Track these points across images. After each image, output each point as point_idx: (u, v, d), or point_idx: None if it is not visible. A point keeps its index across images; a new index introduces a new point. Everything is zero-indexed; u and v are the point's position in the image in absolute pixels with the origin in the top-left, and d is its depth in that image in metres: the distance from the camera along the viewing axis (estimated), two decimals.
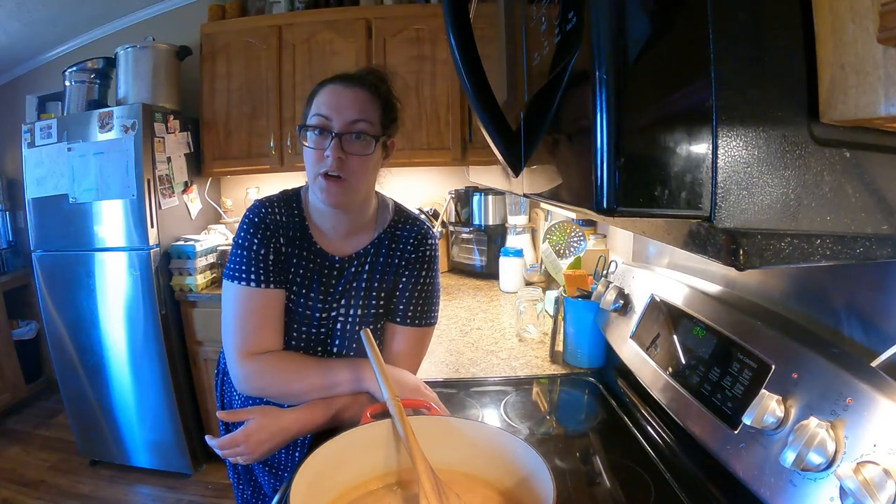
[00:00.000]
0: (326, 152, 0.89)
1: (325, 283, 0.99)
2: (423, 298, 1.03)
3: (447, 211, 2.68)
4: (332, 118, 0.90)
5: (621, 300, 1.11)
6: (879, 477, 0.44)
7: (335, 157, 0.88)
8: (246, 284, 0.94)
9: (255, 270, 0.94)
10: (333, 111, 0.90)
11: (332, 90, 0.92)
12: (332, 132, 0.89)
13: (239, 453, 0.86)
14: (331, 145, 0.89)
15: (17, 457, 2.64)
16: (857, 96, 0.28)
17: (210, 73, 2.53)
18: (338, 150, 0.89)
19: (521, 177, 0.59)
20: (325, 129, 0.90)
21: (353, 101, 0.91)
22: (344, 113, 0.90)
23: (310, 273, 0.98)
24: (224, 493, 2.31)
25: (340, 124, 0.90)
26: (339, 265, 1.00)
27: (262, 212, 0.97)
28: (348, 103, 0.91)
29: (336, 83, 0.93)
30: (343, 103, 0.90)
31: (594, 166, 0.31)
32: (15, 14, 2.61)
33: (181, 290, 2.35)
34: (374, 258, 1.01)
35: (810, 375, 0.58)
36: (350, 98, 0.91)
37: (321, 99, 0.92)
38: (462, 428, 0.76)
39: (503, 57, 0.67)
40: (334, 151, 0.89)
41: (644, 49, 0.31)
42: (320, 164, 0.90)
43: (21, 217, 3.18)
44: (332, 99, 0.91)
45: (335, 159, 0.88)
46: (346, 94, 0.91)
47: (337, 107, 0.90)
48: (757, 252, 0.32)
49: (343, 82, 0.93)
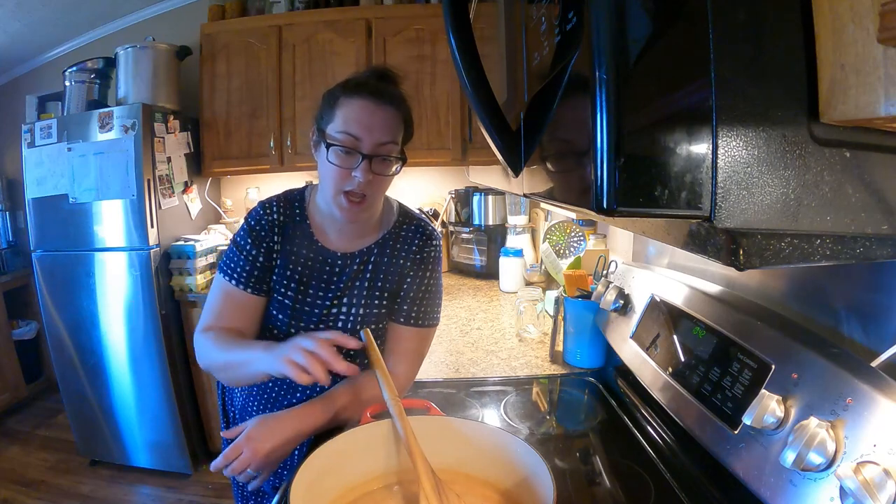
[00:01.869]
0: (354, 173, 0.88)
1: (327, 279, 0.99)
2: (426, 299, 1.03)
3: (447, 211, 2.68)
4: (363, 138, 0.88)
5: (621, 300, 1.11)
6: (879, 477, 0.44)
7: (365, 179, 0.88)
8: (229, 280, 0.98)
9: (239, 272, 0.97)
10: (364, 131, 0.88)
11: (362, 107, 0.89)
12: (362, 153, 0.88)
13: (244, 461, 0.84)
14: (360, 167, 0.88)
15: (17, 457, 2.64)
16: (857, 96, 0.28)
17: (210, 73, 2.53)
18: (367, 173, 0.88)
19: (521, 177, 0.59)
20: (353, 148, 0.88)
21: (384, 122, 0.89)
22: (374, 134, 0.88)
23: (310, 270, 0.99)
24: (224, 492, 2.31)
25: (370, 146, 0.88)
26: (342, 261, 1.00)
27: (259, 214, 0.99)
28: (379, 124, 0.89)
29: (366, 99, 0.89)
30: (374, 123, 0.88)
31: (594, 166, 0.31)
32: (15, 14, 2.61)
33: (181, 290, 2.35)
34: (377, 257, 1.01)
35: (810, 375, 0.58)
36: (381, 118, 0.89)
37: (350, 114, 0.89)
38: (462, 428, 0.76)
39: (503, 57, 0.67)
40: (364, 174, 0.88)
41: (644, 49, 0.31)
42: (345, 182, 0.89)
43: (21, 217, 3.18)
44: (364, 117, 0.88)
45: (364, 182, 0.88)
46: (377, 114, 0.89)
47: (368, 127, 0.88)
48: (757, 252, 0.32)
49: (373, 99, 0.89)
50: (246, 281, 0.97)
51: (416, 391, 1.18)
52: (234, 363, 0.91)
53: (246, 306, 0.99)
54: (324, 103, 0.94)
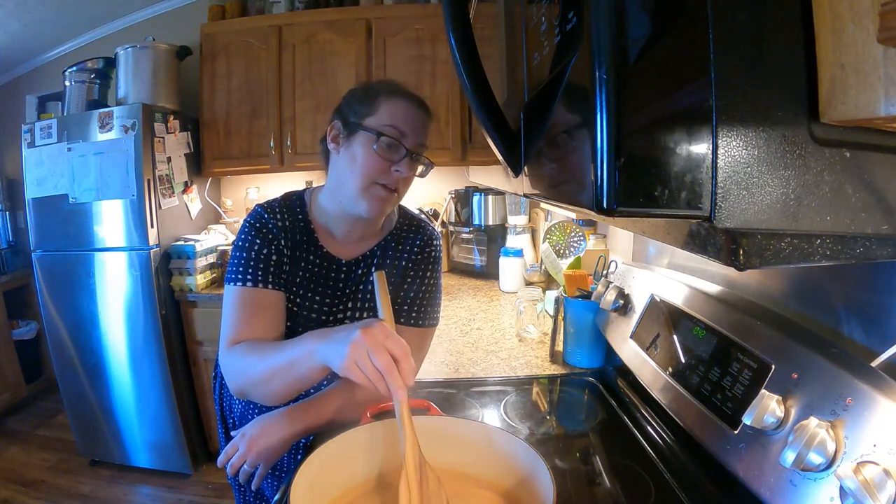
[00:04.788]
0: (397, 166, 0.89)
1: (333, 285, 0.99)
2: (426, 299, 1.03)
3: (447, 211, 2.68)
4: (408, 135, 0.90)
5: (621, 300, 1.11)
6: (879, 477, 0.44)
7: (407, 174, 0.91)
8: (242, 285, 0.92)
9: (252, 270, 0.92)
10: (410, 128, 0.90)
11: (406, 107, 0.91)
12: (406, 148, 0.90)
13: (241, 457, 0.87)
14: (404, 161, 0.90)
15: (17, 457, 2.64)
16: (857, 96, 0.28)
17: (210, 73, 2.53)
18: (409, 168, 0.91)
19: (521, 177, 0.59)
20: (399, 142, 0.89)
21: (424, 125, 0.93)
22: (418, 133, 0.91)
23: (315, 276, 0.98)
24: (224, 492, 2.31)
25: (413, 143, 0.91)
26: (347, 268, 0.99)
27: (263, 217, 0.96)
28: (421, 125, 0.92)
29: (408, 101, 0.92)
30: (418, 123, 0.91)
31: (594, 166, 0.31)
32: (15, 14, 2.61)
33: (181, 290, 2.35)
34: (380, 260, 1.01)
35: (810, 375, 0.58)
36: (423, 121, 0.93)
37: (395, 111, 0.90)
38: (462, 428, 0.76)
39: (503, 57, 0.67)
40: (407, 169, 0.90)
41: (644, 49, 0.31)
42: (382, 175, 0.90)
43: (21, 217, 3.18)
44: (410, 116, 0.91)
45: (405, 176, 0.91)
46: (419, 117, 0.92)
47: (413, 126, 0.91)
48: (757, 252, 0.32)
49: (414, 102, 0.93)
50: (263, 278, 0.92)
51: (416, 391, 1.18)
52: (282, 366, 0.80)
53: (269, 305, 0.92)
54: (355, 99, 0.94)
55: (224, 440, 1.15)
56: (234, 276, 0.93)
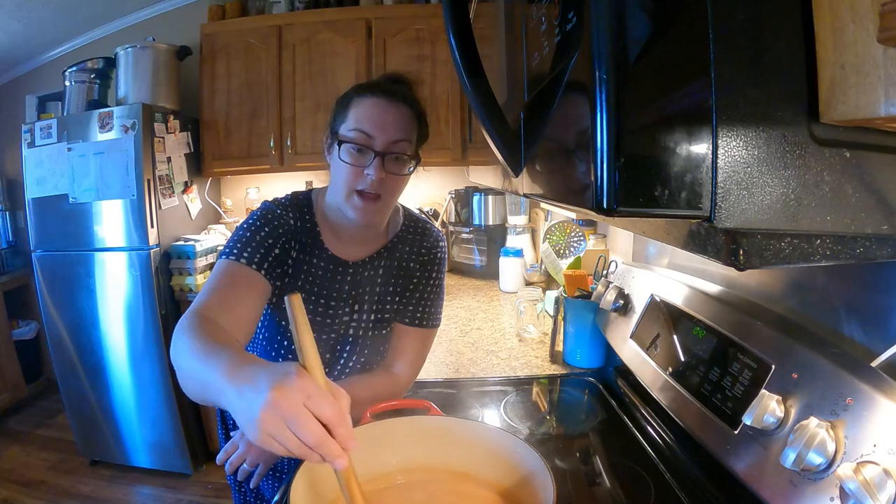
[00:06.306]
0: (367, 170, 0.86)
1: (339, 288, 0.98)
2: (430, 300, 1.04)
3: (447, 211, 2.68)
4: (375, 136, 0.86)
5: (621, 300, 1.11)
6: (879, 477, 0.44)
7: (378, 177, 0.86)
8: (233, 259, 0.86)
9: (249, 250, 0.87)
10: (377, 128, 0.86)
11: (374, 104, 0.87)
12: (374, 150, 0.86)
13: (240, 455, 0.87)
14: (373, 164, 0.86)
15: (17, 457, 2.64)
16: (857, 96, 0.28)
17: (210, 73, 2.53)
18: (380, 171, 0.86)
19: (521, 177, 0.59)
20: (366, 146, 0.86)
21: (397, 120, 0.87)
22: (387, 131, 0.86)
23: (320, 279, 0.97)
24: (224, 493, 2.31)
25: (383, 143, 0.86)
26: (353, 270, 0.99)
27: (276, 211, 0.94)
28: (392, 121, 0.87)
29: (378, 97, 0.88)
30: (387, 121, 0.87)
31: (594, 166, 0.31)
32: (15, 14, 2.61)
33: (181, 290, 2.35)
34: (386, 262, 1.01)
35: (810, 375, 0.58)
36: (394, 116, 0.87)
37: (362, 112, 0.87)
38: (462, 428, 0.75)
39: (503, 57, 0.67)
40: (377, 172, 0.86)
41: (644, 49, 0.31)
42: (357, 181, 0.87)
43: (21, 217, 3.18)
44: (376, 115, 0.87)
45: (377, 179, 0.86)
46: (389, 112, 0.87)
47: (381, 124, 0.86)
48: (757, 252, 0.32)
49: (386, 97, 0.88)
50: (259, 261, 0.86)
51: (416, 391, 1.18)
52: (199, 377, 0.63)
53: (253, 287, 0.85)
54: (337, 106, 0.92)
55: (224, 440, 1.15)
56: (227, 250, 0.88)
